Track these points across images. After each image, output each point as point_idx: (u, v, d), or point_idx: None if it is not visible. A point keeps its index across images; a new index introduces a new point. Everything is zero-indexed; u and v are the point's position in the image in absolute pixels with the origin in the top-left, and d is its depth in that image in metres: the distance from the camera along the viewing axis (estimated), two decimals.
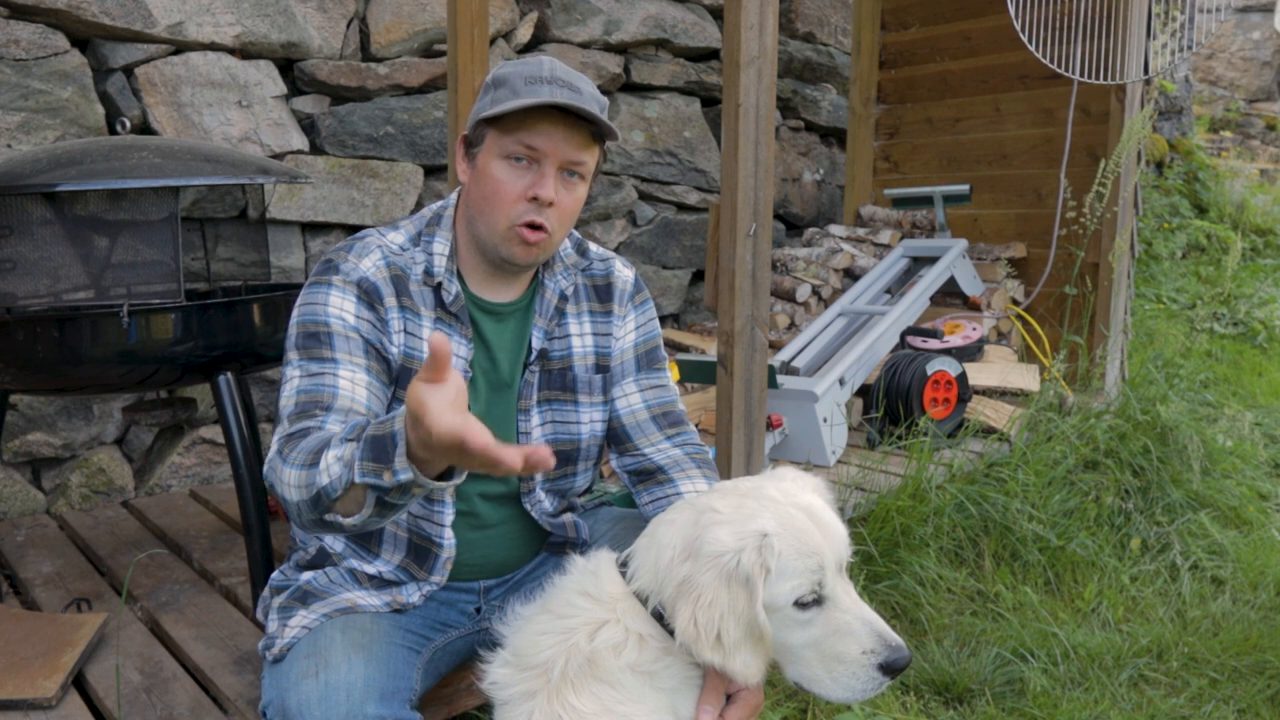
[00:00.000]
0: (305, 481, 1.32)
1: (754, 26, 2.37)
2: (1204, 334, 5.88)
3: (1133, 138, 3.62)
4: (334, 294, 1.55)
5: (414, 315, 1.59)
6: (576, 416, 1.71)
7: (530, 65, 1.54)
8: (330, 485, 1.29)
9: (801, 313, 4.29)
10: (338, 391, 1.48)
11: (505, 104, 1.49)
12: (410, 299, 1.59)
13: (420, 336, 1.58)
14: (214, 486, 3.39)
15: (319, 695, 1.35)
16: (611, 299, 1.75)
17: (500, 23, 4.03)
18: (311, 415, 1.45)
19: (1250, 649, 2.57)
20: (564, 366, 1.70)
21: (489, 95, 1.54)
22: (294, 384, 1.50)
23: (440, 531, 1.60)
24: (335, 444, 1.30)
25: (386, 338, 1.57)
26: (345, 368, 1.51)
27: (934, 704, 2.35)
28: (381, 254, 1.59)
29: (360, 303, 1.55)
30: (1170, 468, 3.40)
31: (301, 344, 1.53)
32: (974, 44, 4.61)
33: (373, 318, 1.56)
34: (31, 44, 3.05)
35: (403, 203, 3.79)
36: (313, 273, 1.60)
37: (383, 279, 1.57)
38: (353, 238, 1.63)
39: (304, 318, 1.55)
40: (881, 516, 2.82)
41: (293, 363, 1.53)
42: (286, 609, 1.55)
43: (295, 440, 1.41)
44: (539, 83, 1.50)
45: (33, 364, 2.16)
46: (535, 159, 1.52)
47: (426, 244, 1.62)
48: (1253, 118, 10.20)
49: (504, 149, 1.52)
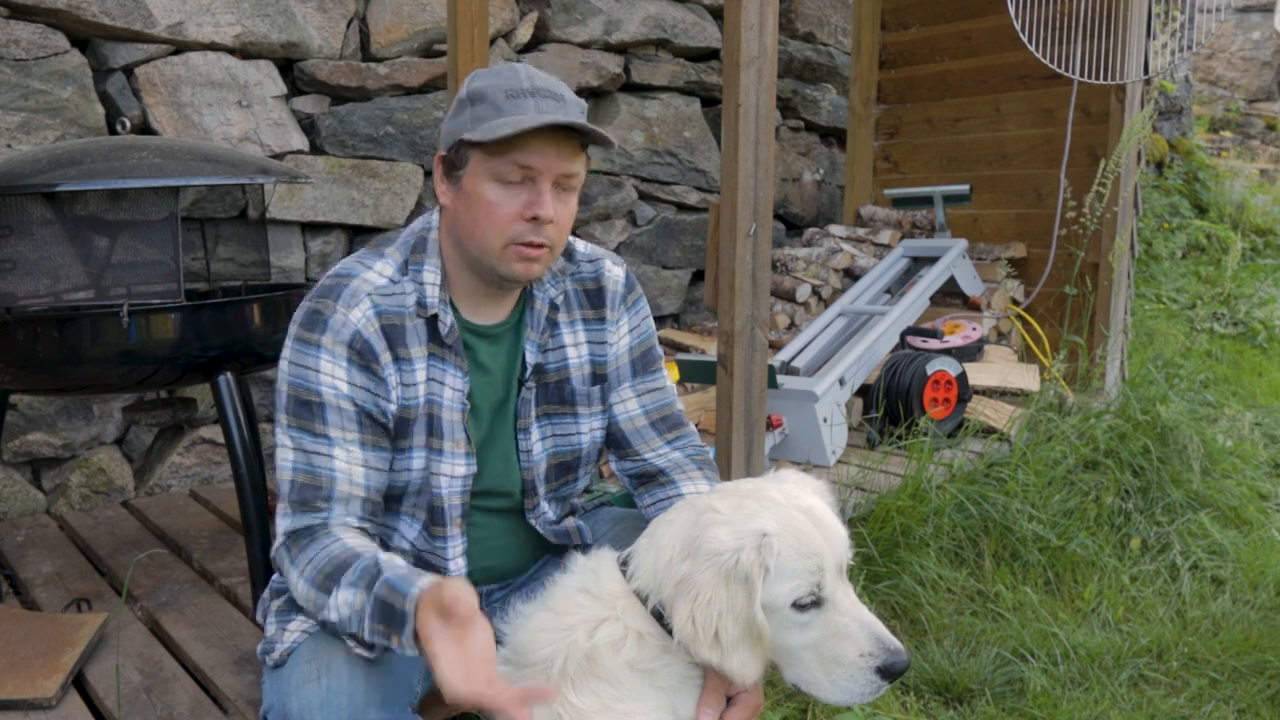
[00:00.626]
0: (313, 601, 1.41)
1: (754, 26, 2.37)
2: (1204, 334, 5.88)
3: (1133, 138, 3.62)
4: (324, 359, 1.49)
5: (406, 364, 1.54)
6: (576, 428, 1.69)
7: (506, 76, 1.48)
8: (340, 623, 1.38)
9: (801, 313, 4.28)
10: (335, 476, 1.48)
11: (494, 126, 1.42)
12: (404, 347, 1.53)
13: (415, 383, 1.54)
14: (214, 486, 3.39)
15: (321, 700, 1.35)
16: (604, 303, 1.70)
17: (500, 23, 4.03)
18: (313, 506, 1.47)
19: (1250, 649, 2.57)
20: (561, 379, 1.67)
21: (467, 112, 1.47)
22: (289, 459, 1.50)
23: (445, 565, 1.60)
24: (345, 585, 1.37)
25: (383, 397, 1.52)
26: (339, 447, 1.49)
27: (934, 704, 2.35)
28: (371, 303, 1.51)
29: (353, 366, 1.49)
30: (1170, 468, 3.40)
31: (293, 410, 1.50)
32: (974, 44, 4.61)
33: (367, 382, 1.51)
34: (31, 44, 3.05)
35: (403, 203, 3.79)
36: (299, 320, 1.52)
37: (374, 333, 1.50)
38: (336, 275, 1.54)
39: (294, 381, 1.50)
40: (881, 516, 2.82)
41: (284, 428, 1.51)
42: (285, 613, 1.54)
43: (300, 541, 1.46)
44: (521, 96, 1.45)
45: (33, 364, 2.16)
46: (530, 178, 1.46)
47: (415, 273, 1.55)
48: (1253, 118, 10.20)
49: (495, 171, 1.46)
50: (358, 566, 1.37)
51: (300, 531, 1.47)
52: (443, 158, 1.53)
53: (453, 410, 1.56)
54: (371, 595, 1.33)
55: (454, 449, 1.57)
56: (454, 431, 1.57)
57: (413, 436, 1.55)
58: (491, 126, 1.43)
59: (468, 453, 1.58)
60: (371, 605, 1.32)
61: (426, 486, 1.57)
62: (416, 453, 1.56)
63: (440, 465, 1.56)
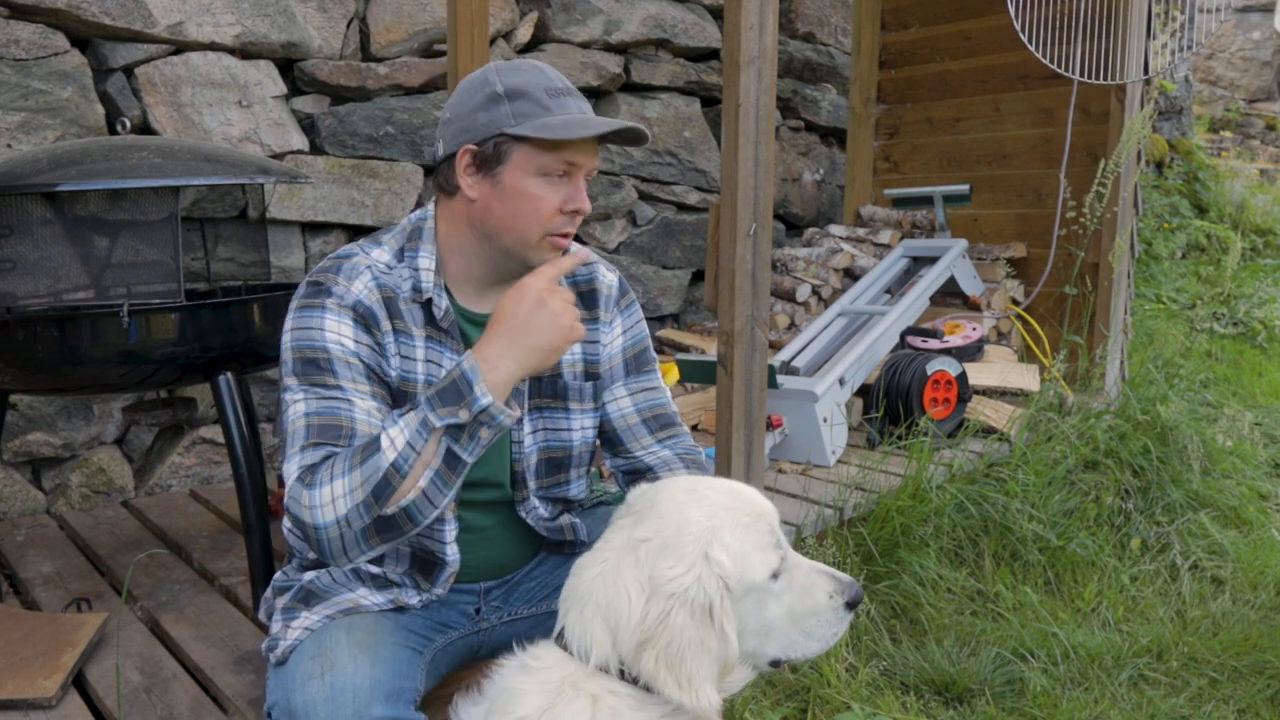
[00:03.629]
0: (362, 478, 1.36)
1: (754, 26, 2.37)
2: (1204, 334, 5.88)
3: (1133, 138, 3.62)
4: (329, 318, 1.50)
5: (406, 337, 1.56)
6: (568, 424, 1.70)
7: (536, 74, 1.53)
8: (400, 457, 1.35)
9: (801, 313, 4.29)
10: (355, 417, 1.45)
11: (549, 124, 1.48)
12: (402, 320, 1.56)
13: (414, 358, 1.56)
14: (214, 486, 3.39)
15: (325, 696, 1.35)
16: (597, 305, 1.73)
17: (500, 23, 4.03)
18: (333, 442, 1.43)
19: (1250, 649, 2.57)
20: (554, 374, 1.68)
21: (504, 107, 1.49)
22: (300, 407, 1.46)
23: (443, 548, 1.60)
24: (390, 426, 1.38)
25: (385, 361, 1.54)
26: (354, 394, 1.47)
27: (934, 704, 2.35)
28: (371, 275, 1.54)
29: (358, 326, 1.51)
30: (1170, 468, 3.40)
31: (301, 371, 1.48)
32: (974, 44, 4.61)
33: (371, 342, 1.52)
34: (31, 44, 3.05)
35: (403, 203, 3.79)
36: (299, 295, 1.54)
37: (376, 301, 1.53)
38: (336, 256, 1.57)
39: (299, 343, 1.49)
40: (881, 516, 2.82)
41: (293, 388, 1.48)
42: (290, 610, 1.54)
43: (316, 469, 1.39)
44: (560, 95, 1.52)
45: (33, 364, 2.16)
46: (569, 173, 1.53)
47: (411, 259, 1.58)
48: (1253, 118, 10.20)
49: (544, 166, 1.51)
50: (396, 413, 1.43)
51: (317, 464, 1.41)
52: (474, 151, 1.53)
53: None
54: (426, 398, 1.38)
55: None
56: None
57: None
58: (547, 124, 1.49)
59: None
60: (431, 399, 1.37)
61: None
62: None
63: None
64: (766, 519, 1.31)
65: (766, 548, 1.29)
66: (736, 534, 1.27)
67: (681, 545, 1.24)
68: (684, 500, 1.30)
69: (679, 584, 1.21)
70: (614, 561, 1.26)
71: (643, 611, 1.21)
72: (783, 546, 1.32)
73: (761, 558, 1.28)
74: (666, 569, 1.22)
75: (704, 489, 1.33)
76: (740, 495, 1.33)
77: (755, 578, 1.28)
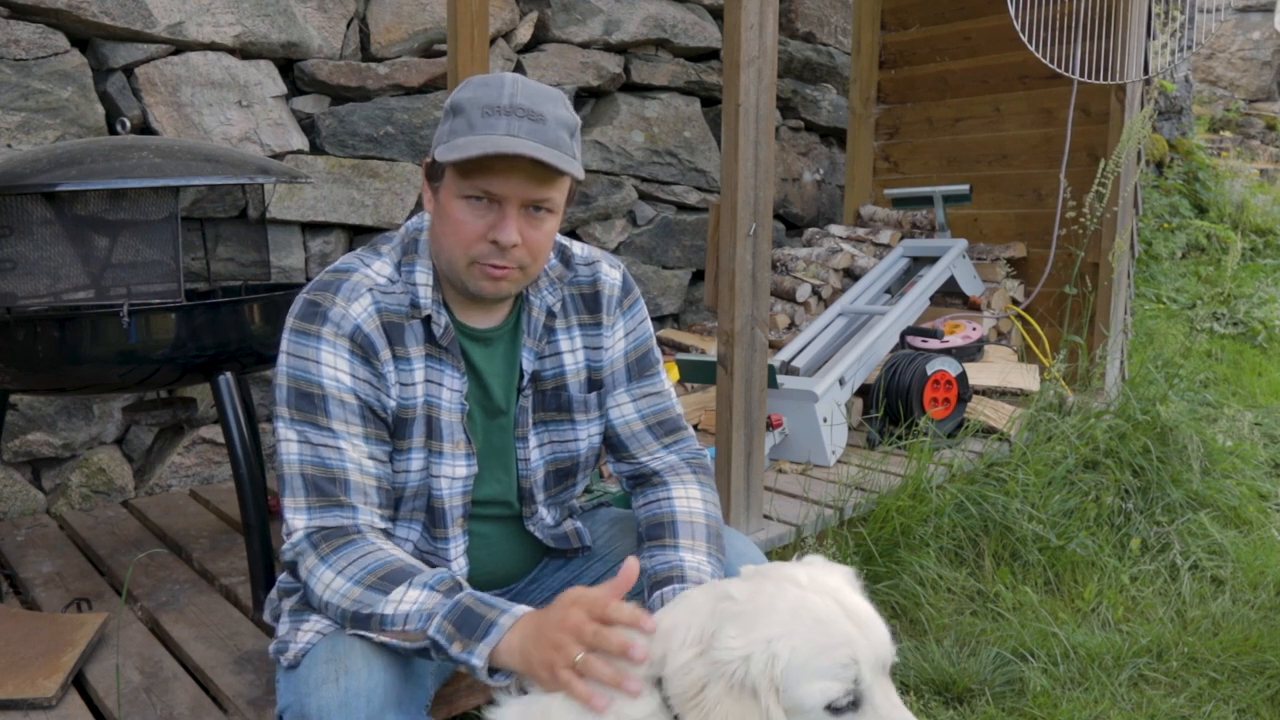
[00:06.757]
0: (356, 597, 1.39)
1: (754, 26, 2.37)
2: (1204, 334, 5.88)
3: (1133, 138, 3.62)
4: (325, 350, 1.47)
5: (405, 363, 1.53)
6: (574, 434, 1.69)
7: (491, 89, 1.43)
8: (394, 616, 1.36)
9: (801, 313, 4.29)
10: (346, 466, 1.46)
11: (460, 145, 1.39)
12: (402, 345, 1.53)
13: (413, 382, 1.54)
14: (214, 486, 3.39)
15: (339, 701, 1.35)
16: (600, 308, 1.69)
17: (500, 23, 4.03)
18: (335, 501, 1.45)
19: (1250, 649, 2.57)
20: (558, 386, 1.66)
21: (447, 124, 1.45)
22: (294, 451, 1.47)
23: (449, 564, 1.60)
24: (417, 585, 1.37)
25: (384, 393, 1.52)
26: (345, 440, 1.47)
27: (934, 704, 2.35)
28: (372, 298, 1.50)
29: (355, 359, 1.48)
30: (1170, 468, 3.40)
31: (294, 403, 1.47)
32: (974, 44, 4.61)
33: (369, 375, 1.50)
34: (31, 44, 3.05)
35: (403, 203, 3.79)
36: (297, 312, 1.50)
37: (375, 328, 1.50)
38: (335, 271, 1.53)
39: (295, 373, 1.48)
40: (881, 516, 2.82)
41: (286, 422, 1.48)
42: (298, 612, 1.53)
43: (333, 540, 1.43)
44: (497, 114, 1.40)
45: (33, 364, 2.16)
46: (496, 200, 1.43)
47: (408, 274, 1.54)
48: (1253, 118, 10.20)
49: (462, 191, 1.43)
50: (435, 574, 1.40)
51: (332, 530, 1.44)
52: (427, 165, 1.52)
53: (451, 411, 1.56)
54: (453, 602, 1.34)
55: (454, 450, 1.57)
56: (453, 433, 1.57)
57: (411, 438, 1.55)
58: (458, 145, 1.40)
59: (468, 454, 1.58)
60: (449, 610, 1.34)
61: (424, 489, 1.57)
62: (416, 454, 1.55)
63: (440, 467, 1.56)
64: (850, 649, 1.17)
65: (828, 677, 1.16)
66: (807, 646, 1.17)
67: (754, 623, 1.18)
68: (788, 588, 1.23)
69: (728, 654, 1.17)
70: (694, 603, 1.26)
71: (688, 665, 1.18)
72: (860, 682, 1.17)
73: (819, 685, 1.16)
74: (722, 643, 1.18)
75: (817, 589, 1.23)
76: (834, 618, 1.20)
77: (802, 697, 1.16)
